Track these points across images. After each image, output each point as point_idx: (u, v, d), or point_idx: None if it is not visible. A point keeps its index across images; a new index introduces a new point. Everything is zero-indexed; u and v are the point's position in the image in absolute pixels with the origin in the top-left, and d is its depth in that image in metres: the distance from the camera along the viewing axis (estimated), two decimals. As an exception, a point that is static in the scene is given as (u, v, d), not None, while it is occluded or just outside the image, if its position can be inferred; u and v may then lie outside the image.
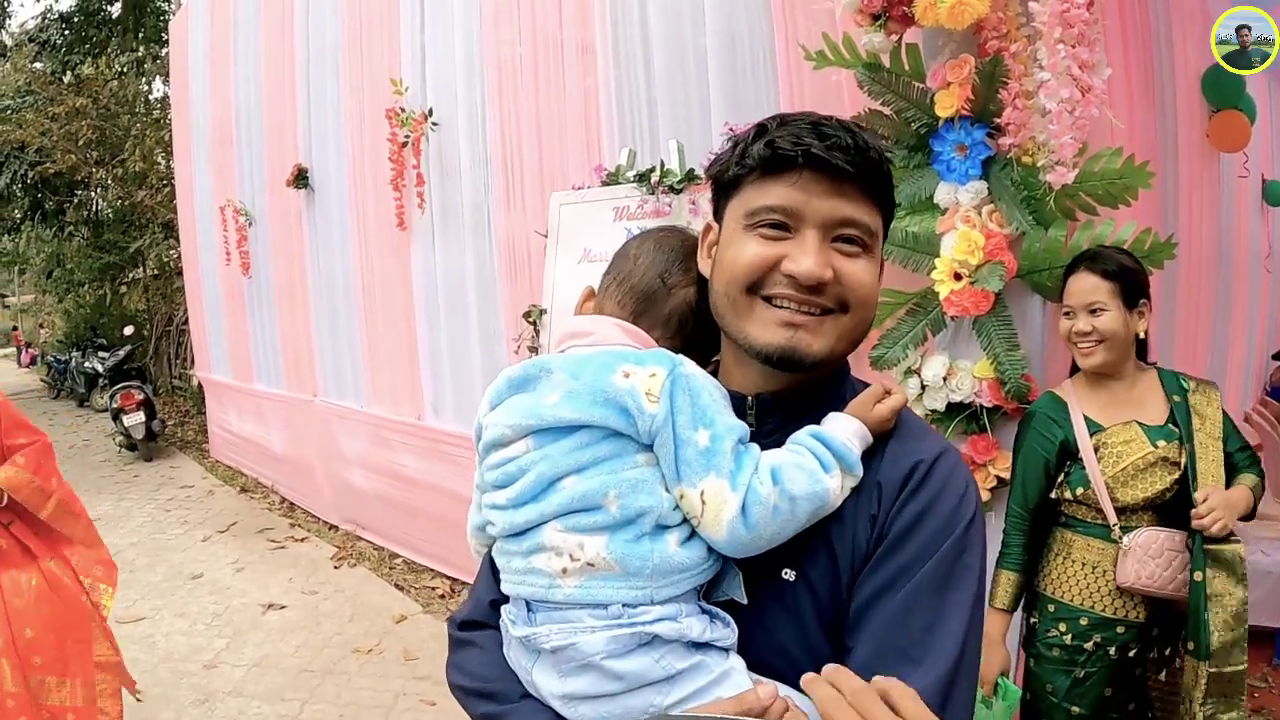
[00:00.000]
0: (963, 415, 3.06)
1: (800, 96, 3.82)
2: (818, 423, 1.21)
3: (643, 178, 3.89)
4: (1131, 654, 2.65)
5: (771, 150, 1.15)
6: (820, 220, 1.15)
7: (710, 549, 1.16)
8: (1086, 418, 2.65)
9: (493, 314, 5.68)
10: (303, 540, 7.58)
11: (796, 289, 1.15)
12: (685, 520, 1.16)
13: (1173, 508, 2.61)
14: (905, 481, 1.16)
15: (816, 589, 1.16)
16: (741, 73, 4.14)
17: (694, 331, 1.34)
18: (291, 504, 8.63)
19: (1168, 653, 2.74)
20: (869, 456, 1.19)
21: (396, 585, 6.38)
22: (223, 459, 10.63)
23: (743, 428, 1.19)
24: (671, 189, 3.80)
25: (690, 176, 3.80)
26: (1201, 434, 2.60)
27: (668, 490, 1.15)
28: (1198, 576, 2.53)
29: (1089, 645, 2.64)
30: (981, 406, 3.00)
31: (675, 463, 1.13)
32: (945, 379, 3.03)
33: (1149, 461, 2.57)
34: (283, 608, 6.01)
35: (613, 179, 4.09)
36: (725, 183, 1.25)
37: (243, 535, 7.79)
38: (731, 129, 3.71)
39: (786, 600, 1.17)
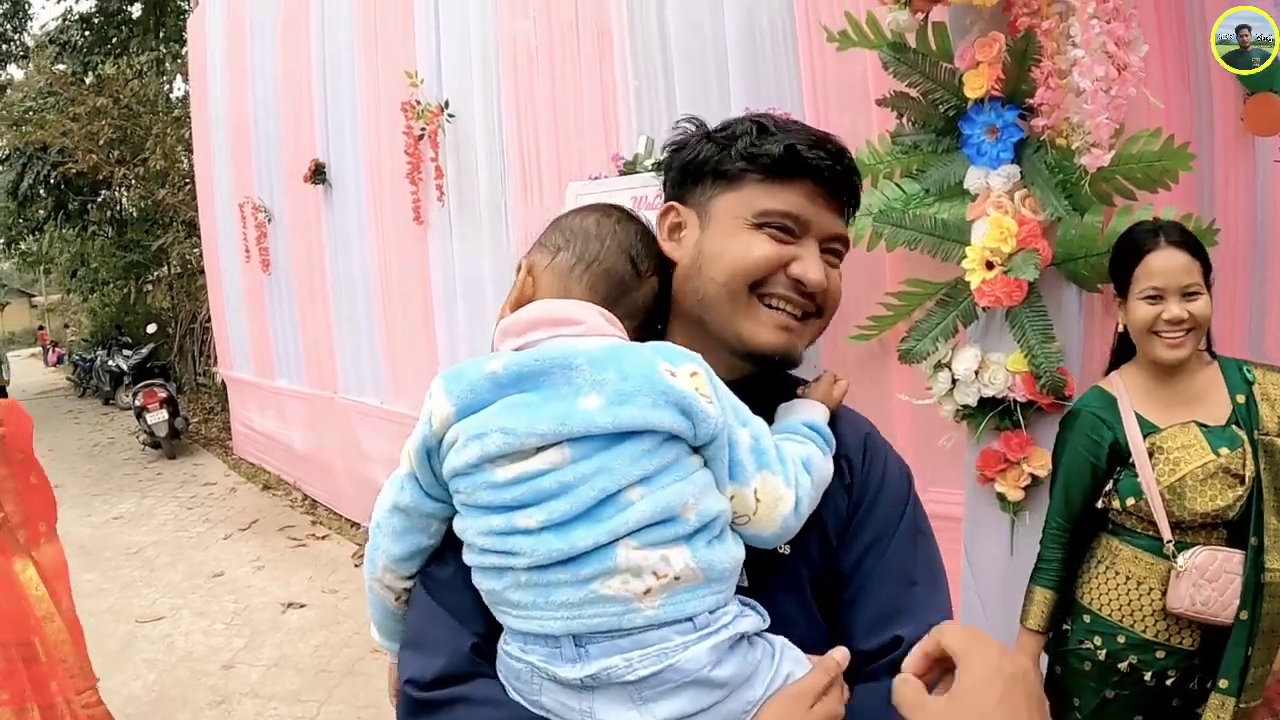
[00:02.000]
0: (995, 411, 2.92)
1: (823, 80, 3.72)
2: (768, 408, 1.27)
3: (661, 165, 3.79)
4: (1169, 682, 2.38)
5: (792, 155, 1.20)
6: (820, 233, 1.24)
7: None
8: (1140, 417, 2.39)
9: (511, 309, 5.56)
10: (324, 538, 7.56)
11: (798, 293, 1.22)
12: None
13: (1236, 525, 2.31)
14: (863, 451, 1.31)
15: (812, 559, 1.23)
16: (762, 56, 4.01)
17: (653, 321, 1.30)
18: (314, 501, 8.61)
19: (1209, 685, 2.38)
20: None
21: (421, 582, 6.31)
22: (246, 456, 10.65)
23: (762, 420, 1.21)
24: (690, 176, 3.71)
25: (710, 164, 3.70)
26: (1274, 436, 2.30)
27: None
28: (1243, 615, 2.26)
29: (1123, 666, 2.39)
30: (1015, 401, 2.87)
31: (730, 464, 1.11)
32: (977, 373, 2.89)
33: (1209, 472, 2.28)
34: (302, 606, 5.99)
35: (630, 168, 4.00)
36: (713, 172, 1.27)
37: (264, 533, 7.79)
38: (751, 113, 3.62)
39: (787, 574, 1.22)
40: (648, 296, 1.26)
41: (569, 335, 1.14)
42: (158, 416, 10.97)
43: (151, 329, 14.01)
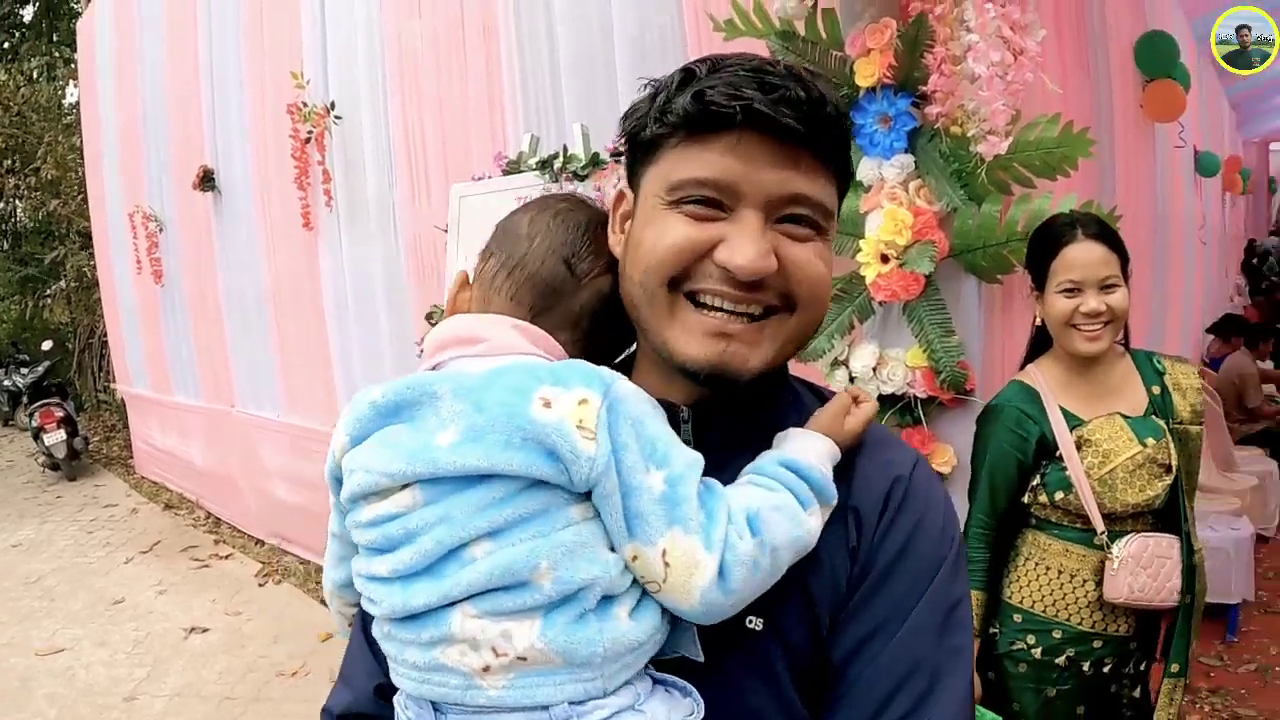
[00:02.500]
0: (896, 408, 2.85)
1: (711, 72, 3.65)
2: (766, 434, 1.02)
3: (545, 164, 3.69)
4: (1107, 669, 2.40)
5: (701, 105, 0.91)
6: (764, 197, 0.93)
7: (663, 610, 0.93)
8: (1064, 410, 2.38)
9: (403, 315, 5.51)
10: (227, 557, 7.41)
11: (732, 285, 0.93)
12: (634, 583, 0.93)
13: (1160, 510, 2.38)
14: (885, 503, 1.00)
15: (790, 639, 0.97)
16: (650, 50, 3.97)
17: (606, 331, 1.08)
18: (216, 519, 8.45)
19: (1143, 667, 2.49)
20: (837, 475, 0.99)
21: (322, 601, 6.14)
22: (148, 475, 10.39)
23: (701, 461, 0.95)
24: (576, 175, 3.61)
25: (595, 161, 3.61)
26: (1186, 425, 2.39)
27: (612, 550, 0.92)
28: (1188, 599, 2.36)
29: (1060, 660, 2.38)
30: (915, 397, 2.81)
31: (625, 516, 0.89)
32: (875, 369, 2.82)
33: (1137, 463, 2.31)
34: (205, 631, 5.86)
35: (514, 167, 3.90)
36: (642, 143, 1.00)
37: (166, 555, 7.61)
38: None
39: (754, 655, 0.97)
40: (590, 303, 1.06)
41: (469, 356, 1.00)
42: (55, 437, 10.64)
43: (47, 346, 13.60)
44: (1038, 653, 2.39)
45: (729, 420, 1.04)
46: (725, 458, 1.00)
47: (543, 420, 0.88)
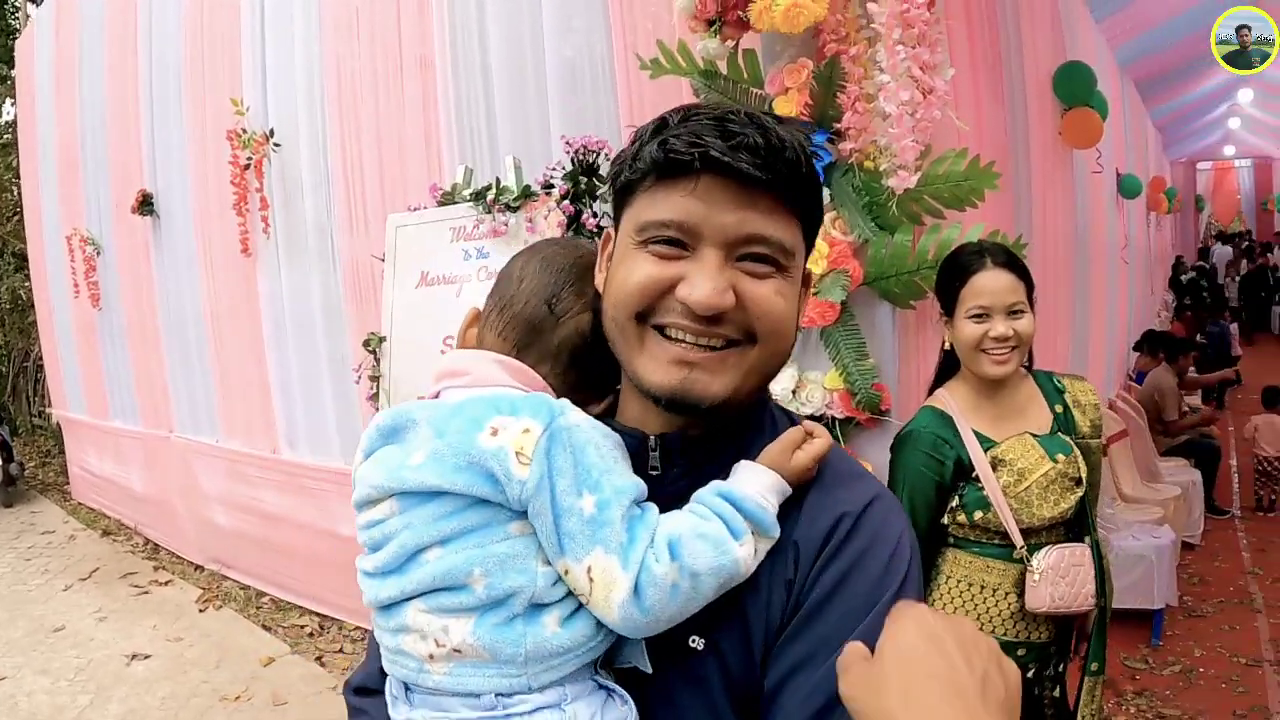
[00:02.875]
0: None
1: (640, 107, 3.79)
2: (731, 462, 1.07)
3: (479, 196, 3.77)
4: (1030, 674, 2.47)
5: (664, 153, 0.99)
6: (722, 238, 0.99)
7: (601, 623, 1.02)
8: (976, 433, 2.44)
9: (340, 341, 5.56)
10: (167, 583, 7.30)
11: (692, 319, 1.00)
12: (568, 594, 1.02)
13: (1071, 519, 2.48)
14: (826, 540, 1.03)
15: (727, 660, 1.02)
16: (581, 85, 4.10)
17: (590, 363, 1.16)
18: (155, 545, 8.32)
19: (1061, 668, 2.59)
20: (786, 509, 1.05)
21: (264, 626, 6.19)
22: (85, 501, 10.17)
23: (637, 488, 1.03)
24: (508, 207, 3.69)
25: (527, 193, 3.69)
26: (1087, 439, 2.50)
27: (547, 564, 1.01)
28: (1102, 602, 2.46)
29: None
30: (834, 418, 2.93)
31: (556, 534, 0.98)
32: (795, 391, 2.95)
33: (1050, 479, 2.40)
34: (147, 657, 5.78)
35: (448, 198, 3.97)
36: (620, 187, 1.08)
37: (105, 582, 7.47)
38: (568, 142, 3.63)
39: (694, 671, 1.03)
40: (566, 339, 1.15)
41: (456, 387, 1.12)
42: (-11, 463, 10.39)
43: (-20, 370, 13.33)
44: None
45: (695, 449, 1.09)
46: (691, 484, 1.06)
47: (485, 447, 0.99)
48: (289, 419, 6.23)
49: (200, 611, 6.57)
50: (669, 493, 1.06)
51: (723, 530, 0.99)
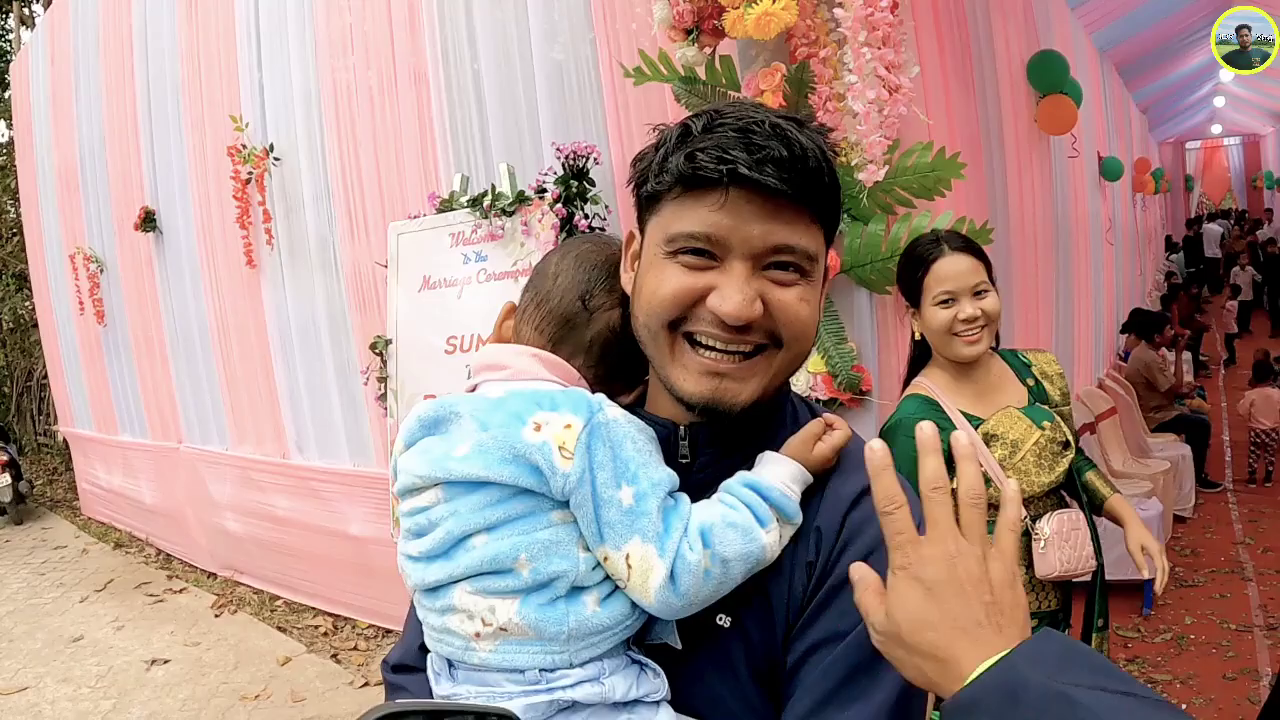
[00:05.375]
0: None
1: (625, 113, 3.92)
2: (756, 452, 1.13)
3: (475, 202, 3.91)
4: None
5: (692, 168, 1.01)
6: (749, 250, 1.02)
7: (635, 604, 1.09)
8: (963, 412, 2.50)
9: (346, 346, 5.67)
10: (181, 591, 7.37)
11: (722, 328, 1.03)
12: (606, 577, 1.08)
13: (1062, 485, 2.57)
14: (844, 524, 1.08)
15: (751, 638, 1.08)
16: (569, 93, 4.23)
17: (620, 356, 1.21)
18: (168, 555, 8.38)
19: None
20: (808, 495, 1.10)
21: (279, 627, 6.28)
22: (95, 515, 10.21)
23: (671, 479, 1.09)
24: (504, 212, 3.83)
25: (521, 198, 3.84)
26: (1059, 406, 2.57)
27: (587, 549, 1.07)
28: (1099, 559, 2.53)
29: None
30: (818, 399, 3.07)
31: (596, 524, 1.04)
32: (779, 376, 3.08)
33: (1041, 446, 2.47)
34: (166, 662, 5.87)
35: (446, 205, 4.12)
36: (645, 194, 1.11)
37: (120, 592, 7.54)
38: (558, 148, 3.77)
39: (720, 648, 1.09)
40: (599, 334, 1.20)
41: (495, 380, 1.18)
42: (0, 481, 10.50)
43: (-14, 390, 13.39)
44: None
45: (723, 439, 1.14)
46: (719, 472, 1.12)
47: (530, 441, 1.05)
48: (297, 424, 6.31)
49: (216, 616, 6.64)
50: (697, 480, 1.12)
51: (750, 519, 1.05)
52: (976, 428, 2.48)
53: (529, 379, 1.16)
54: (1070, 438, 2.53)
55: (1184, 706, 4.11)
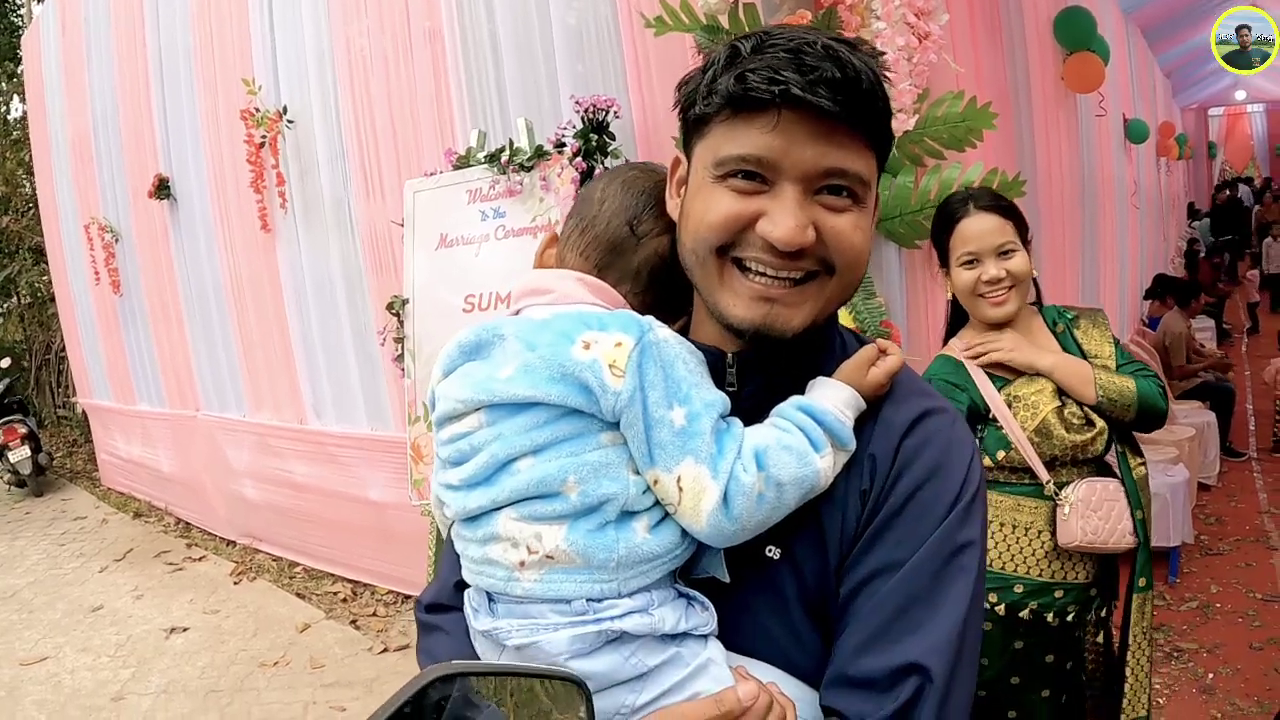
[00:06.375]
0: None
1: (645, 66, 3.85)
2: (805, 379, 1.10)
3: (493, 158, 3.85)
4: (1070, 618, 2.43)
5: (743, 88, 0.97)
6: (801, 173, 0.99)
7: (685, 531, 1.05)
8: (989, 373, 2.45)
9: (362, 308, 5.63)
10: (200, 559, 7.43)
11: (773, 254, 1.01)
12: (656, 503, 1.05)
13: (1099, 458, 2.47)
14: (899, 451, 1.06)
15: (802, 569, 1.06)
16: (587, 45, 4.14)
17: (667, 284, 1.18)
18: (187, 524, 8.44)
19: (1105, 613, 2.57)
20: (860, 423, 1.08)
21: (298, 594, 6.31)
22: (114, 485, 10.30)
23: (723, 402, 1.06)
24: (522, 167, 3.77)
25: (539, 153, 3.78)
26: (1105, 361, 2.46)
27: (637, 473, 1.03)
28: (1139, 515, 2.41)
29: (1024, 614, 2.41)
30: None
31: (647, 445, 1.01)
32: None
33: (1064, 405, 2.40)
34: (185, 630, 5.90)
35: (463, 162, 4.06)
36: (693, 117, 1.07)
37: (140, 561, 7.60)
38: (577, 102, 3.70)
39: (769, 580, 1.07)
40: (647, 260, 1.18)
41: (540, 304, 1.14)
42: (20, 454, 10.49)
43: (4, 363, 13.41)
44: (1001, 610, 2.41)
45: (771, 367, 1.11)
46: (766, 400, 1.09)
47: (580, 359, 1.01)
48: (315, 389, 6.29)
49: (235, 584, 6.69)
50: (744, 408, 1.08)
51: (804, 442, 1.02)
52: (1000, 389, 2.43)
53: (574, 302, 1.12)
54: (1094, 417, 2.41)
55: (1210, 676, 4.10)
